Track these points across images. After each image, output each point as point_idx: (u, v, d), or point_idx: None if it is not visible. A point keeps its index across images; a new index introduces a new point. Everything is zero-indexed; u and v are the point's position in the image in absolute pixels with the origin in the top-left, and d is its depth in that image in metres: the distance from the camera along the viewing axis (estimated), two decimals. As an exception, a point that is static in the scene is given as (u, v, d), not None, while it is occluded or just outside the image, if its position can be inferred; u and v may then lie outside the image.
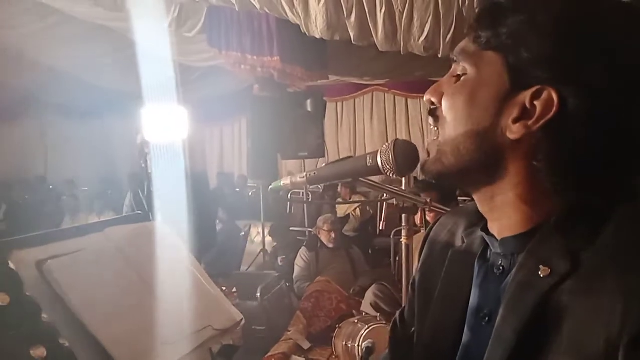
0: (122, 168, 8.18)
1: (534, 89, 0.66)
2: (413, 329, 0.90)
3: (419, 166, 0.85)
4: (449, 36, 3.82)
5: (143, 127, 4.09)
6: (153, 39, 4.85)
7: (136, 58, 5.46)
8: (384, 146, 0.89)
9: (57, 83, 6.57)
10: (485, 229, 0.78)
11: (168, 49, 4.88)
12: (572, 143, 0.65)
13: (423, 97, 0.81)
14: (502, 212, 0.73)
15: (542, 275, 0.65)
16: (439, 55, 4.08)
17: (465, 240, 0.84)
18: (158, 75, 4.77)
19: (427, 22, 3.76)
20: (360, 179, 0.97)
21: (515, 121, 0.67)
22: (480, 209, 0.78)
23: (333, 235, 4.59)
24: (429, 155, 0.78)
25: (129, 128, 8.66)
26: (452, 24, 3.72)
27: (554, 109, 0.65)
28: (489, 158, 0.70)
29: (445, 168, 0.74)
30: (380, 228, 4.25)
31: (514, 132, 0.68)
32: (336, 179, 0.95)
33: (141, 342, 1.09)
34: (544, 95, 0.65)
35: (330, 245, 4.61)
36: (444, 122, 0.74)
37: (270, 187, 1.09)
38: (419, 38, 3.91)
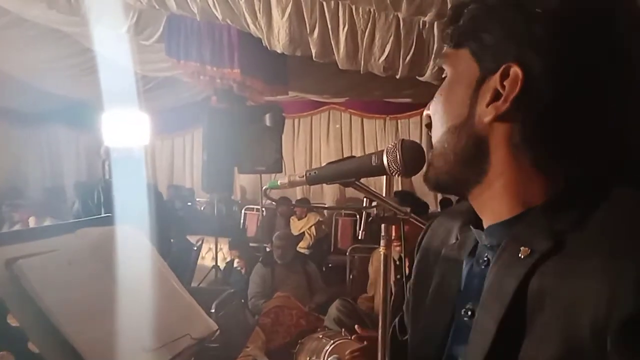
0: (68, 177, 7.85)
1: (501, 69, 0.65)
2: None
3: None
4: (408, 57, 3.89)
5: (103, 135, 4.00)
6: (108, 45, 4.71)
7: (89, 64, 5.30)
8: (390, 145, 0.87)
9: (4, 87, 6.27)
10: (478, 225, 0.76)
11: (123, 56, 4.75)
12: (543, 115, 0.63)
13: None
14: (491, 205, 0.71)
15: (522, 257, 0.62)
16: (397, 76, 4.15)
17: (459, 238, 0.81)
18: (111, 83, 4.62)
19: (388, 42, 3.82)
20: (357, 183, 0.95)
21: (487, 105, 0.66)
22: (474, 208, 0.76)
23: (280, 252, 4.52)
24: None
25: (77, 136, 8.37)
26: (412, 46, 3.79)
27: (519, 84, 0.63)
28: (470, 150, 0.69)
29: (437, 171, 0.73)
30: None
31: (486, 115, 0.66)
32: (337, 179, 0.93)
33: (117, 348, 1.03)
34: (511, 73, 0.64)
35: (279, 262, 4.53)
36: (433, 128, 0.74)
37: (266, 186, 1.06)
38: (380, 58, 3.96)
